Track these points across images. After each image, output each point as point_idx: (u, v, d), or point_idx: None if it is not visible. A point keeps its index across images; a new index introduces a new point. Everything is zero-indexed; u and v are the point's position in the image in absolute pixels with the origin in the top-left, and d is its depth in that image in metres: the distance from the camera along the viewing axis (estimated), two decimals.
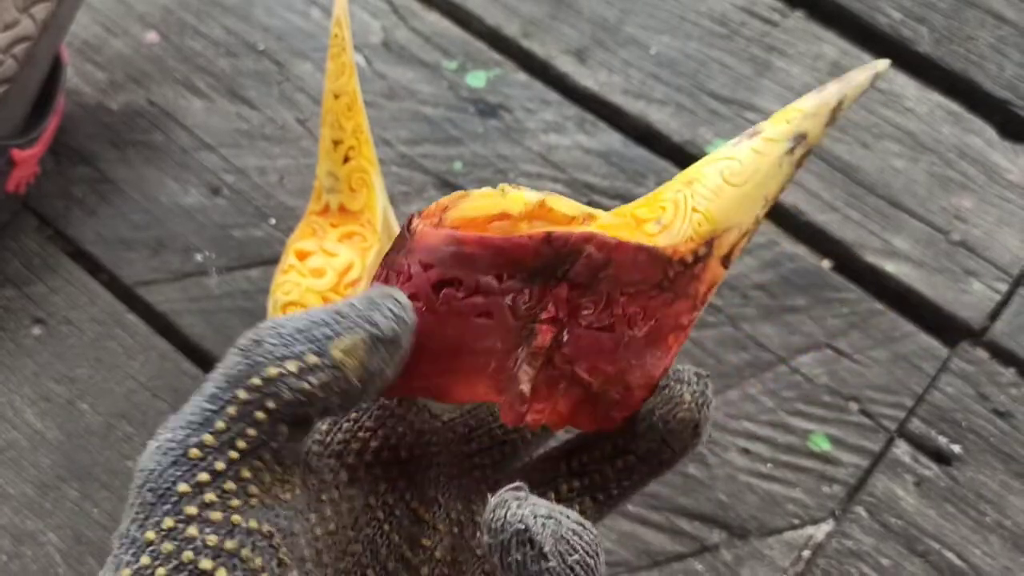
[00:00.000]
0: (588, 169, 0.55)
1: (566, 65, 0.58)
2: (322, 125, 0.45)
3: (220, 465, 0.27)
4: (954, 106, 0.57)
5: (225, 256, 0.52)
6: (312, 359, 0.27)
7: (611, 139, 0.56)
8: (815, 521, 0.46)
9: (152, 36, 0.59)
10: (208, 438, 0.27)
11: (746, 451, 0.47)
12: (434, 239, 0.28)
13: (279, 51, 0.58)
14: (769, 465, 0.47)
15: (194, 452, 0.27)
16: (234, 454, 0.27)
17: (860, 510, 0.46)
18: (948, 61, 0.58)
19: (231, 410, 0.27)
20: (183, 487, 0.27)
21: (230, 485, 0.27)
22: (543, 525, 0.26)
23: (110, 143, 0.55)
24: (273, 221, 0.53)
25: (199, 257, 0.52)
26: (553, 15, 0.60)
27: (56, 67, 0.53)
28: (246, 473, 0.28)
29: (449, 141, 0.55)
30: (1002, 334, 0.50)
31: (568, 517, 0.26)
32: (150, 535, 0.27)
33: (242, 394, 0.27)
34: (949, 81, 0.58)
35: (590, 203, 0.53)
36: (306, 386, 0.27)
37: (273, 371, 0.27)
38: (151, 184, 0.54)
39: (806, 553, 0.45)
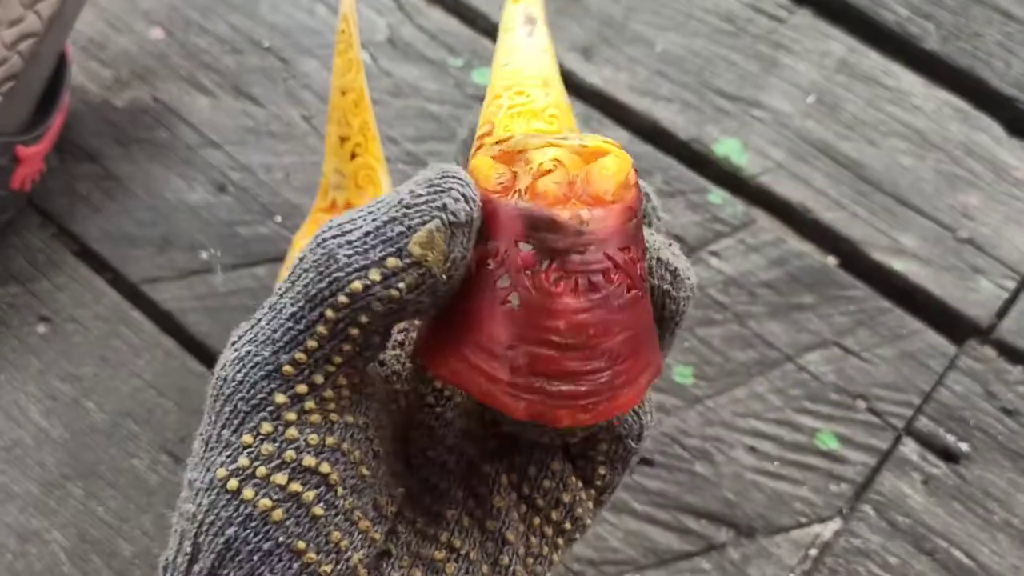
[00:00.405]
0: None
1: (572, 62, 0.58)
2: (328, 122, 0.45)
3: (319, 378, 0.27)
4: (961, 103, 0.57)
5: (231, 254, 0.52)
6: (394, 262, 0.26)
7: (617, 136, 0.56)
8: (822, 519, 0.46)
9: (157, 33, 0.59)
10: (301, 356, 0.27)
11: (753, 449, 0.47)
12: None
13: (285, 48, 0.58)
14: (776, 463, 0.47)
15: (288, 369, 0.27)
16: (331, 368, 0.27)
17: (868, 508, 0.46)
18: (955, 58, 0.58)
19: (322, 329, 0.26)
20: (280, 398, 0.27)
21: (329, 393, 0.27)
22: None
23: (115, 140, 0.55)
24: (279, 218, 0.53)
25: (205, 255, 0.52)
26: (559, 12, 0.60)
27: (61, 64, 0.52)
28: (342, 381, 0.27)
29: (455, 138, 0.55)
30: (1010, 332, 0.50)
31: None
32: (247, 438, 0.27)
33: (330, 313, 0.26)
34: (956, 78, 0.58)
35: None
36: (395, 293, 0.26)
37: (358, 285, 0.26)
38: (156, 181, 0.54)
39: (813, 551, 0.45)
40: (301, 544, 0.27)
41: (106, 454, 0.47)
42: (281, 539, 0.27)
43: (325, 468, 0.27)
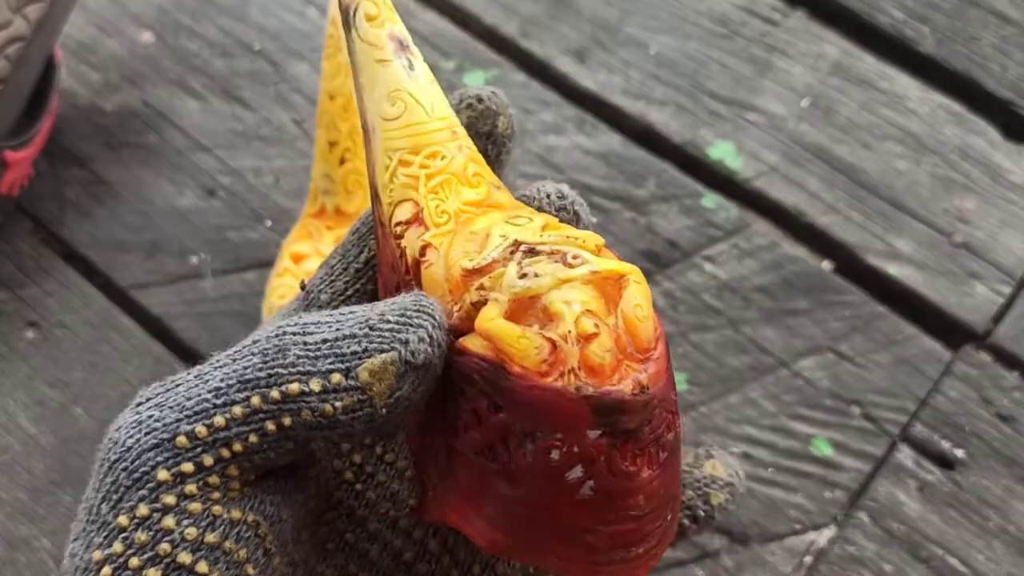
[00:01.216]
0: (587, 170, 0.54)
1: (565, 65, 0.58)
2: (318, 127, 0.45)
3: (208, 460, 0.25)
4: (957, 107, 0.57)
5: (220, 259, 0.51)
6: (338, 379, 0.24)
7: (611, 140, 0.55)
8: (817, 527, 0.46)
9: (147, 36, 0.59)
10: (201, 430, 0.25)
11: (747, 456, 0.47)
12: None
13: (275, 51, 0.58)
14: (771, 470, 0.47)
15: (182, 440, 0.25)
16: (226, 452, 0.25)
17: (862, 515, 0.46)
18: (951, 61, 0.58)
19: (237, 411, 0.25)
20: (163, 475, 0.25)
21: (214, 480, 0.25)
22: None
23: (104, 144, 0.55)
24: (269, 223, 0.52)
25: (194, 260, 0.51)
26: (552, 15, 0.59)
27: (49, 68, 0.52)
28: (233, 471, 0.25)
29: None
30: (1005, 337, 0.50)
31: None
32: (123, 520, 0.25)
33: (256, 401, 0.25)
34: (952, 81, 0.58)
35: (590, 205, 0.53)
36: (328, 409, 0.25)
37: (296, 387, 0.25)
38: (146, 186, 0.54)
39: (808, 559, 0.45)
40: None
41: (95, 460, 0.46)
42: None
43: (202, 568, 0.25)
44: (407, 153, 0.26)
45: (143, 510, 0.25)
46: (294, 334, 0.25)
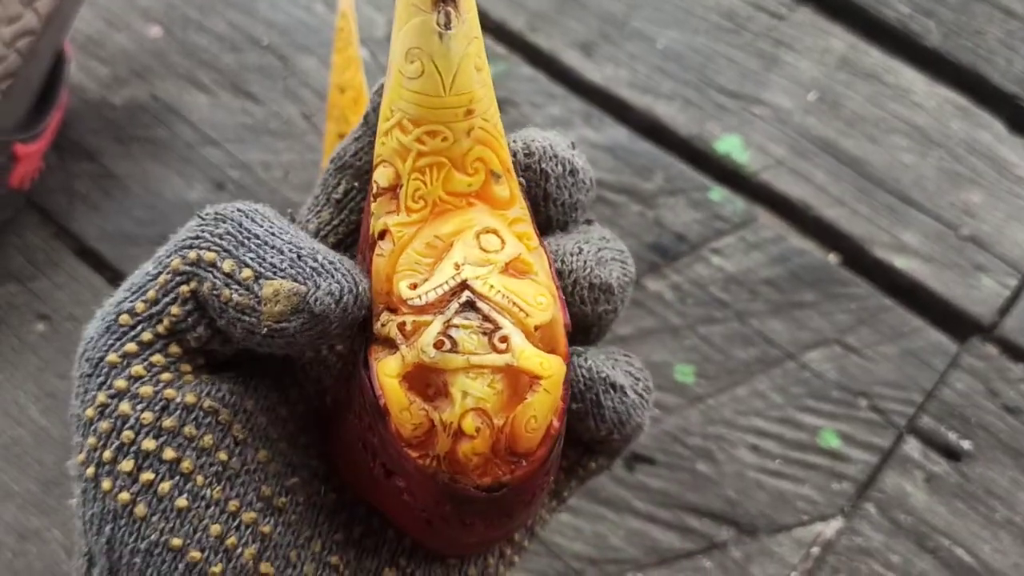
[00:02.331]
0: (595, 163, 0.54)
1: (572, 59, 0.58)
2: (327, 120, 0.45)
3: (147, 335, 0.26)
4: (963, 101, 0.57)
5: None
6: (247, 273, 0.25)
7: (617, 133, 0.56)
8: (824, 518, 0.46)
9: (155, 31, 0.59)
10: (140, 306, 0.26)
11: (755, 448, 0.47)
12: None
13: (283, 46, 0.58)
14: (778, 462, 0.47)
15: (124, 319, 0.26)
16: (160, 328, 0.26)
17: (870, 506, 0.46)
18: (957, 55, 0.58)
19: (162, 279, 0.26)
20: (112, 357, 0.26)
21: (158, 358, 0.26)
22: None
23: (114, 138, 0.55)
24: None
25: None
26: (559, 9, 0.60)
27: (59, 62, 0.52)
28: (175, 349, 0.26)
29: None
30: (1012, 330, 0.50)
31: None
32: (89, 412, 0.26)
33: (175, 262, 0.25)
34: (958, 75, 0.58)
35: (597, 198, 0.53)
36: (225, 293, 0.25)
37: (210, 256, 0.25)
38: (155, 179, 0.54)
39: (815, 550, 0.45)
40: (176, 541, 0.25)
41: None
42: (153, 537, 0.25)
43: (169, 453, 0.25)
44: (408, 119, 0.25)
45: (101, 397, 0.25)
46: (246, 216, 0.26)
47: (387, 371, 0.24)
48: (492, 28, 0.59)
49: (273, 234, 0.25)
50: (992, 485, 0.46)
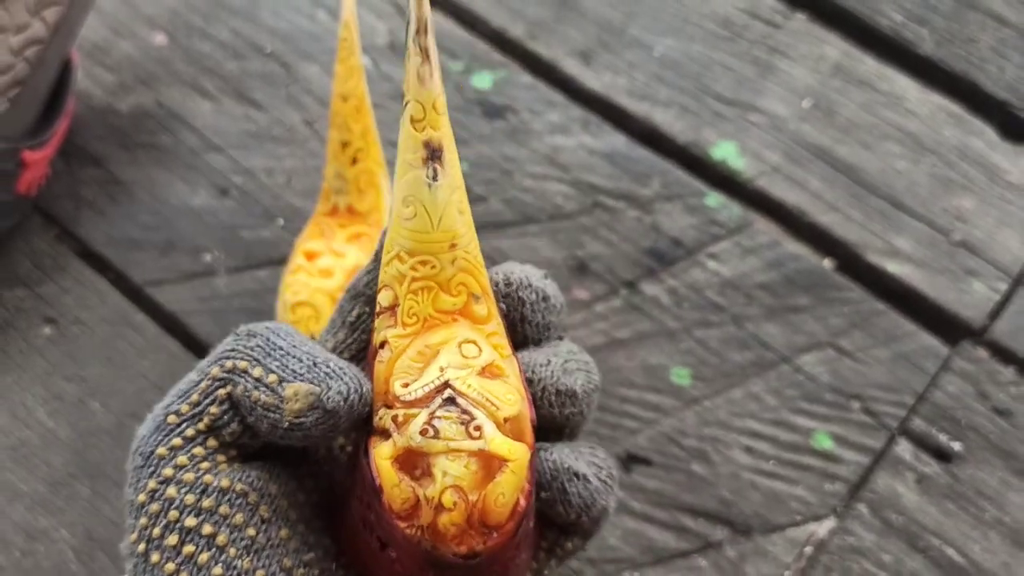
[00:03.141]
0: (593, 170, 0.55)
1: (571, 67, 0.59)
2: (330, 127, 0.46)
3: (190, 432, 0.30)
4: (955, 108, 0.58)
5: (233, 257, 0.52)
6: (272, 378, 0.29)
7: (616, 140, 0.56)
8: (817, 518, 0.47)
9: (160, 38, 0.60)
10: (184, 407, 0.30)
11: (749, 449, 0.48)
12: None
13: (286, 53, 0.59)
14: (772, 463, 0.48)
15: (172, 419, 0.30)
16: (201, 425, 0.30)
17: (862, 507, 0.47)
18: (949, 63, 0.59)
19: (203, 384, 0.30)
20: (161, 450, 0.30)
21: (198, 450, 0.30)
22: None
23: (119, 145, 0.56)
24: (281, 222, 0.53)
25: (208, 258, 0.52)
26: (558, 17, 0.60)
27: (66, 70, 0.53)
28: (212, 442, 0.30)
29: (455, 142, 0.56)
30: (1002, 333, 0.51)
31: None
32: (142, 498, 0.30)
33: (215, 371, 0.30)
34: (950, 83, 0.58)
35: (595, 204, 0.54)
36: (255, 395, 0.29)
37: (243, 364, 0.30)
38: (160, 185, 0.55)
39: (808, 549, 0.46)
40: None
41: (112, 454, 0.48)
42: None
43: (207, 529, 0.29)
44: (405, 252, 0.30)
45: (152, 484, 0.30)
46: (271, 332, 0.31)
47: (382, 454, 0.29)
48: (492, 36, 0.60)
49: (295, 346, 0.30)
50: (982, 486, 0.47)
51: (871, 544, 0.46)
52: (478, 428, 0.28)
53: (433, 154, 0.29)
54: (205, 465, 0.30)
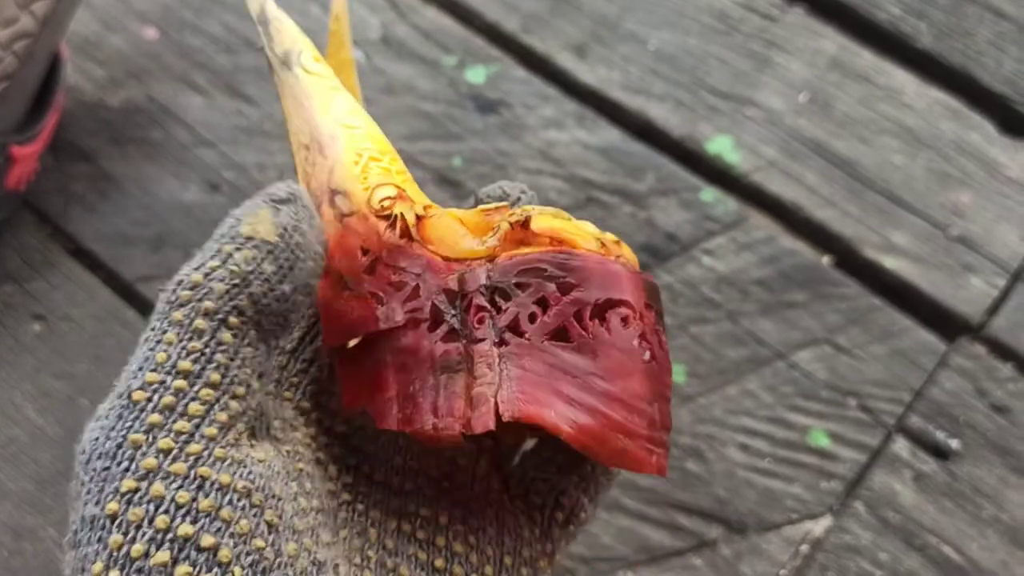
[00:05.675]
0: (588, 165, 0.55)
1: (566, 61, 0.58)
2: None
3: (168, 399, 0.24)
4: (953, 102, 0.57)
5: None
6: (228, 246, 0.26)
7: (610, 135, 0.56)
8: (813, 516, 0.46)
9: (151, 32, 0.59)
10: (151, 376, 0.24)
11: (745, 447, 0.48)
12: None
13: None
14: (768, 460, 0.47)
15: (138, 394, 0.24)
16: (180, 383, 0.24)
17: (858, 505, 0.46)
18: (947, 57, 0.58)
19: (169, 335, 0.25)
20: (135, 436, 0.23)
21: (182, 424, 0.24)
22: None
23: (109, 139, 0.55)
24: None
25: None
26: (553, 10, 0.60)
27: (56, 64, 0.53)
28: (197, 407, 0.24)
29: (448, 137, 0.55)
30: (1000, 329, 0.50)
31: None
32: (112, 506, 0.23)
33: (177, 315, 0.25)
34: (948, 77, 0.58)
35: (590, 199, 0.53)
36: (234, 268, 0.26)
37: (197, 276, 0.26)
38: (150, 180, 0.54)
39: (804, 548, 0.45)
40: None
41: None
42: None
43: (208, 540, 0.23)
44: (375, 152, 0.31)
45: (128, 484, 0.23)
46: (184, 268, 0.27)
47: (545, 221, 0.29)
48: (485, 30, 0.59)
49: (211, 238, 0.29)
50: (980, 484, 0.47)
51: (868, 542, 0.45)
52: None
53: None
54: (194, 448, 0.23)
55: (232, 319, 0.26)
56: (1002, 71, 0.58)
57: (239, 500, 0.23)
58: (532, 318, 0.27)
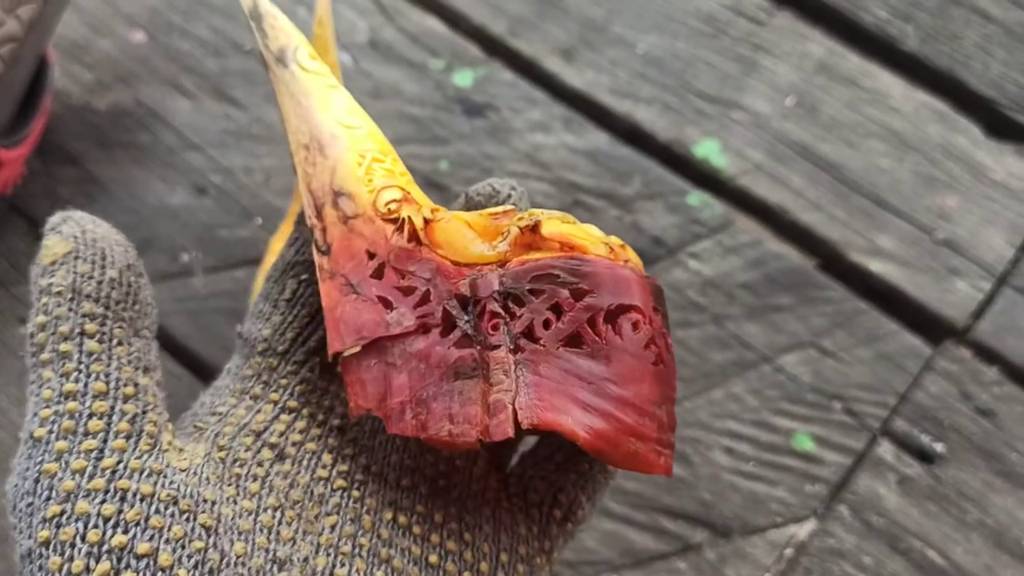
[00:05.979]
0: (574, 168, 0.55)
1: (553, 64, 0.58)
2: None
3: (67, 423, 0.25)
4: (940, 105, 0.57)
5: (211, 256, 0.52)
6: (44, 280, 0.28)
7: (597, 139, 0.56)
8: (798, 520, 0.46)
9: (139, 36, 0.59)
10: (44, 412, 0.26)
11: (730, 450, 0.48)
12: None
13: None
14: (752, 464, 0.47)
15: (39, 432, 0.25)
16: (72, 404, 0.26)
17: (843, 509, 0.46)
18: (934, 60, 0.58)
19: (46, 374, 0.26)
20: (48, 466, 0.24)
21: (89, 443, 0.25)
22: None
23: (97, 143, 0.55)
24: (259, 221, 0.53)
25: (185, 257, 0.52)
26: (540, 14, 0.60)
27: (43, 67, 0.53)
28: (96, 424, 0.25)
29: (435, 141, 0.55)
30: (985, 333, 0.50)
31: None
32: (43, 534, 0.23)
33: (44, 356, 0.27)
34: (935, 80, 0.58)
35: (576, 202, 0.54)
36: (59, 289, 0.28)
37: (41, 318, 0.28)
38: (137, 184, 0.54)
39: (789, 552, 0.45)
40: None
41: None
42: None
43: (144, 547, 0.24)
44: (377, 153, 0.30)
45: (53, 509, 0.24)
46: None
47: (553, 226, 0.29)
48: (473, 33, 0.59)
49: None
50: (964, 487, 0.47)
51: (852, 546, 0.45)
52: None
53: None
54: (108, 462, 0.24)
55: (89, 327, 0.27)
56: (989, 74, 0.58)
57: (166, 508, 0.24)
58: (547, 324, 0.28)
